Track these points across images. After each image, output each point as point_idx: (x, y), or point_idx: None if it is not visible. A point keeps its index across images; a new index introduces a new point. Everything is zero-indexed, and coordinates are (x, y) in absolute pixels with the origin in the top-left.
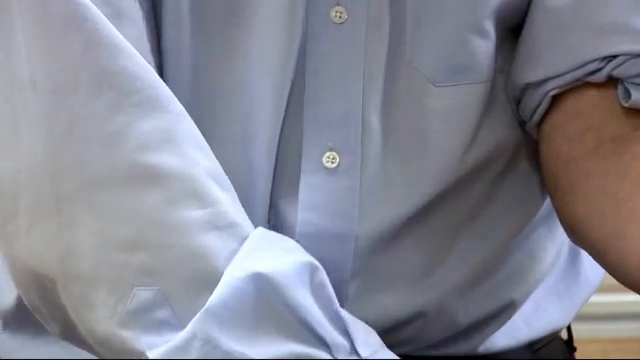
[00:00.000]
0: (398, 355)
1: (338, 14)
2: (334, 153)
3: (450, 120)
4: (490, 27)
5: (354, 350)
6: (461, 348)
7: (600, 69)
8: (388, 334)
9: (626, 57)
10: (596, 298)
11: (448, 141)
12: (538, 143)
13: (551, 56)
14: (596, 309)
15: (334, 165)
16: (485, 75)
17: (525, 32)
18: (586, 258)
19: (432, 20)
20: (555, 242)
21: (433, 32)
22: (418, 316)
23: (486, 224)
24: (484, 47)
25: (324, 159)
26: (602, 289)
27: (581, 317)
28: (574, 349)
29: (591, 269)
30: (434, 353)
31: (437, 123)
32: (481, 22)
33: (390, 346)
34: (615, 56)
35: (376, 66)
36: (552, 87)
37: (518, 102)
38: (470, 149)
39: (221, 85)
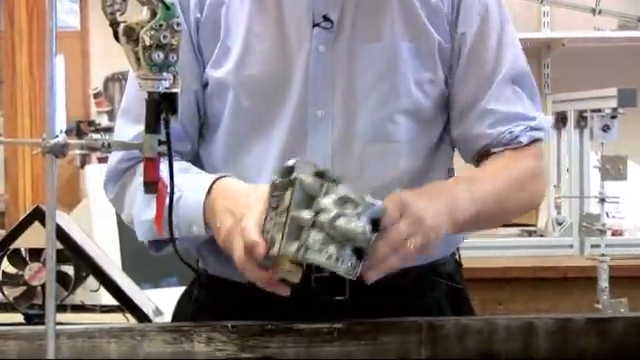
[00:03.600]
0: None
1: (320, 113)
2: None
3: (381, 160)
4: (401, 119)
5: None
6: None
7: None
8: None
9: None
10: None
11: (381, 172)
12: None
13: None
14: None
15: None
16: (403, 139)
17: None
18: None
19: (357, 112)
20: None
21: (360, 120)
22: None
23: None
24: (399, 129)
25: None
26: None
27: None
28: (461, 265)
29: None
30: None
31: (372, 161)
32: (392, 116)
33: None
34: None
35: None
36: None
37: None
38: (401, 174)
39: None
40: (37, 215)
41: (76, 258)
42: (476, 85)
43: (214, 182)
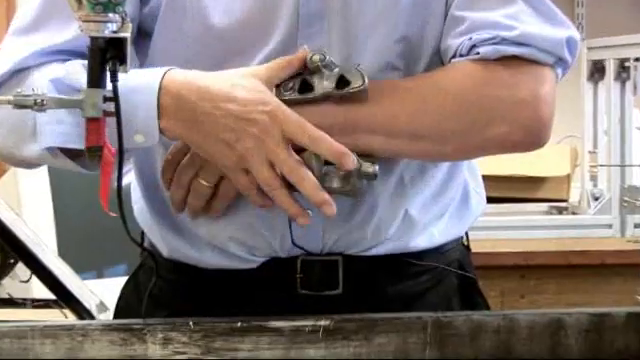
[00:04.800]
0: (351, 257)
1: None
2: (309, 211)
3: None
4: (400, 64)
5: None
6: (393, 247)
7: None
8: (336, 243)
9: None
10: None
11: None
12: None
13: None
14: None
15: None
16: None
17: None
18: (473, 198)
19: (356, 59)
20: (452, 188)
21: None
22: (361, 222)
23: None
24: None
25: None
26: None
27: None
28: (470, 250)
29: (476, 204)
30: (376, 253)
31: None
32: (393, 62)
33: (345, 250)
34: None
35: None
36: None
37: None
38: None
39: None
40: None
41: (2, 241)
42: None
43: (165, 74)
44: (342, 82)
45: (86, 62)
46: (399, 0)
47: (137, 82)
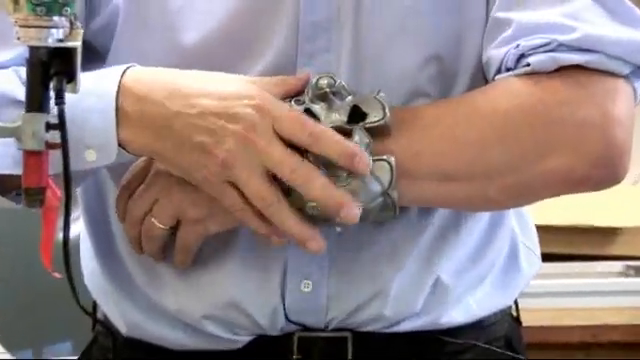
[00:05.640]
0: (365, 334)
1: None
2: (309, 281)
3: None
4: (431, 89)
5: None
6: (421, 323)
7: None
8: (352, 316)
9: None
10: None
11: None
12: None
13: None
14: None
15: (309, 289)
16: None
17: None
18: (523, 256)
19: (382, 86)
20: (495, 243)
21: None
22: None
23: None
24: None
25: (302, 286)
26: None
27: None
28: (520, 323)
29: (527, 264)
30: (398, 330)
31: None
32: (421, 87)
33: (357, 327)
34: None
35: None
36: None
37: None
38: None
39: None
40: None
41: None
42: None
43: (125, 71)
44: (356, 114)
45: (17, 68)
46: (421, 10)
47: (88, 84)
